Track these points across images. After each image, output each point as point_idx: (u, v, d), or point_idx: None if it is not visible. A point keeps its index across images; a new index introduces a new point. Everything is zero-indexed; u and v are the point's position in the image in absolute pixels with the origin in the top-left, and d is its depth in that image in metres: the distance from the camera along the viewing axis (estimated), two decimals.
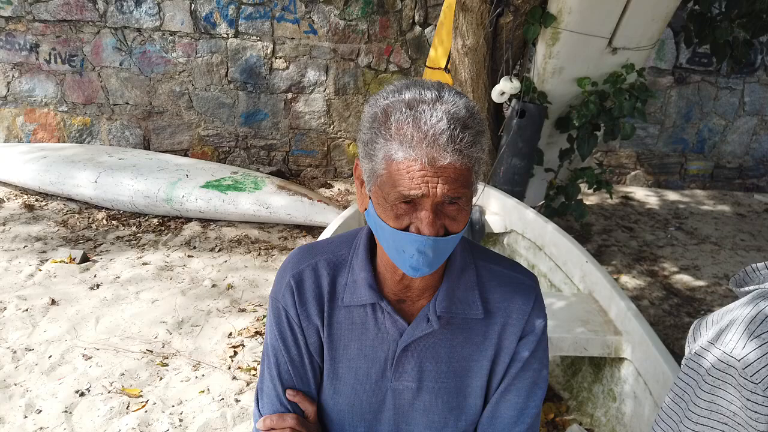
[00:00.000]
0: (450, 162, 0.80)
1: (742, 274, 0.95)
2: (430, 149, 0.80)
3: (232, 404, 2.48)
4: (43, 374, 2.60)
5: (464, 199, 0.85)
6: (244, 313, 3.21)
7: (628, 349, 2.22)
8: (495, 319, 1.01)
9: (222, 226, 4.41)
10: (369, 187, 0.90)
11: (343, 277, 1.02)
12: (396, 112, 0.83)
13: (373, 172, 0.87)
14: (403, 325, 1.00)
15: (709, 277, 4.08)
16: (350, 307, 1.02)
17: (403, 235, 0.86)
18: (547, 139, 3.96)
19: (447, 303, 0.99)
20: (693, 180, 6.25)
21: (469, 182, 0.85)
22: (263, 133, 5.67)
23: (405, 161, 0.81)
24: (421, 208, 0.84)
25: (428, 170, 0.80)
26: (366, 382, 1.04)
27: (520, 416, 1.02)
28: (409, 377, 1.02)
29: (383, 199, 0.86)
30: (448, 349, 1.02)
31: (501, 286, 1.03)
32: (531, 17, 3.48)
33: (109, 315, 3.10)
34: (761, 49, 5.72)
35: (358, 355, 1.03)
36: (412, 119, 0.81)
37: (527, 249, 3.25)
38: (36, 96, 5.43)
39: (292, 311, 1.02)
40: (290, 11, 5.26)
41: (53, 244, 3.93)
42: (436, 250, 0.86)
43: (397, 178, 0.82)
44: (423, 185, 0.81)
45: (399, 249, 0.88)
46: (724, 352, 0.84)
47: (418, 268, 0.88)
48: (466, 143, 0.81)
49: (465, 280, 1.01)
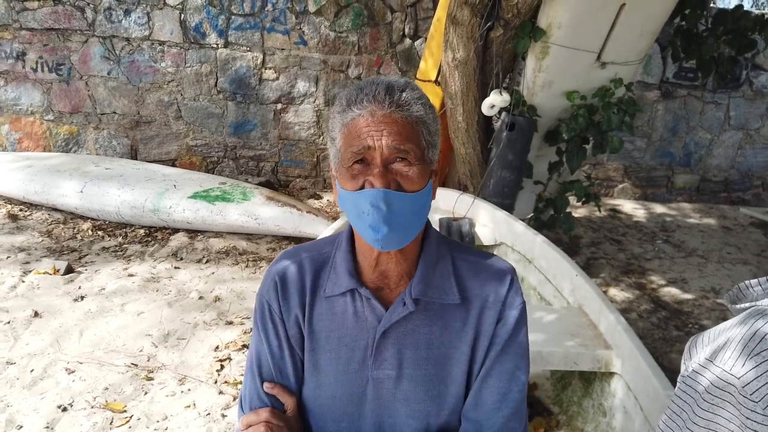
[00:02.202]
0: (389, 113, 0.91)
1: (737, 290, 0.95)
2: (370, 104, 0.92)
3: (219, 419, 2.44)
4: (25, 389, 2.54)
5: (412, 155, 0.93)
6: (231, 326, 3.16)
7: (618, 363, 2.21)
8: (473, 304, 1.04)
9: (210, 237, 4.37)
10: (335, 168, 0.99)
11: (326, 271, 1.07)
12: (348, 93, 0.96)
13: (335, 151, 0.97)
14: (382, 312, 1.03)
15: (697, 290, 4.10)
16: (331, 298, 1.05)
17: (358, 194, 0.93)
18: (536, 152, 3.97)
19: (422, 287, 1.02)
20: (680, 193, 6.31)
21: (416, 139, 0.93)
22: (252, 143, 5.65)
23: (353, 121, 0.93)
24: (373, 165, 0.92)
25: (371, 124, 0.91)
26: (347, 372, 1.05)
27: (503, 401, 1.02)
28: (389, 365, 1.03)
29: (342, 168, 0.95)
30: (427, 335, 1.03)
31: (477, 274, 1.06)
32: (521, 31, 3.50)
33: (94, 328, 3.05)
34: (746, 65, 5.81)
35: (339, 344, 1.05)
36: (358, 90, 0.95)
37: (517, 262, 3.25)
38: (22, 104, 5.37)
39: (274, 304, 1.06)
40: (280, 22, 5.26)
41: (37, 255, 3.86)
42: (388, 203, 0.91)
43: (349, 139, 0.93)
44: (368, 138, 0.91)
45: (359, 211, 0.94)
46: (724, 370, 0.83)
47: (377, 227, 0.92)
48: (404, 100, 0.93)
49: (441, 269, 1.05)
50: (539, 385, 2.73)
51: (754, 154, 6.24)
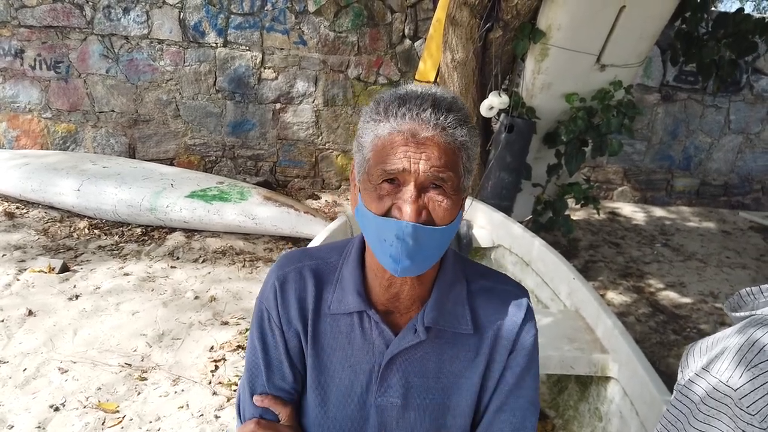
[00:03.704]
0: (432, 135, 0.82)
1: (737, 297, 0.93)
2: (412, 122, 0.82)
3: (212, 420, 2.42)
4: (17, 388, 2.52)
5: (449, 184, 0.84)
6: (226, 326, 3.15)
7: (615, 368, 2.19)
8: (486, 334, 0.99)
9: (206, 237, 4.35)
10: (359, 178, 0.90)
11: (332, 284, 1.00)
12: (387, 100, 0.86)
13: (362, 160, 0.88)
14: (390, 336, 0.97)
15: (695, 294, 4.08)
16: (337, 316, 0.99)
17: (384, 221, 0.85)
18: (535, 154, 3.96)
19: (435, 314, 0.96)
20: (679, 196, 6.29)
21: (454, 166, 0.84)
22: (251, 143, 5.63)
23: (389, 136, 0.84)
24: (405, 189, 0.84)
25: (411, 144, 0.82)
26: (349, 395, 1.00)
27: None
28: (395, 393, 0.98)
29: (369, 183, 0.86)
30: (437, 363, 0.98)
31: (491, 300, 1.00)
32: (520, 33, 3.49)
33: (88, 327, 3.03)
34: (746, 68, 5.79)
35: (343, 365, 0.99)
36: (399, 101, 0.84)
37: (514, 264, 3.23)
38: (20, 102, 5.36)
39: (274, 312, 1.01)
40: (280, 22, 5.24)
41: (33, 253, 3.85)
42: (415, 238, 0.83)
43: (382, 155, 0.84)
44: (405, 159, 0.82)
45: (380, 238, 0.86)
46: (720, 381, 0.81)
47: (398, 259, 0.85)
48: (449, 122, 0.83)
49: (455, 294, 0.99)
50: None
51: (754, 158, 6.23)
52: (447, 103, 0.85)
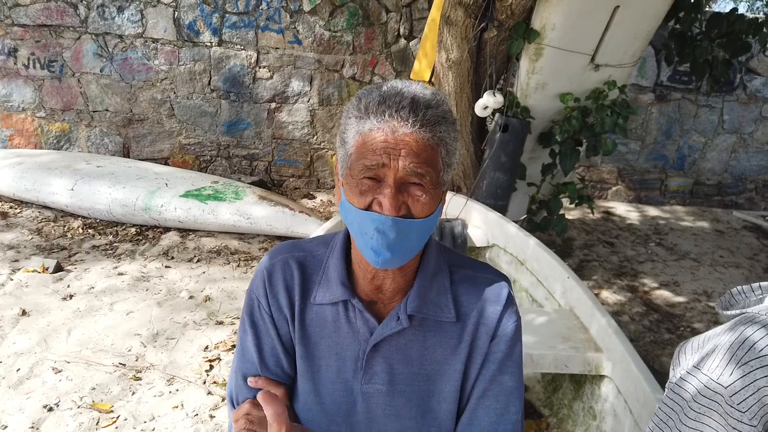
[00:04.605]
0: (411, 132, 0.85)
1: (728, 296, 0.94)
2: (392, 119, 0.85)
3: (207, 420, 2.42)
4: (11, 388, 2.51)
5: (428, 179, 0.87)
6: (221, 326, 3.14)
7: (609, 366, 2.20)
8: (468, 320, 1.01)
9: (201, 237, 4.34)
10: (342, 173, 0.93)
11: (317, 275, 1.04)
12: (368, 96, 0.89)
13: (345, 155, 0.91)
14: (374, 324, 1.00)
15: (689, 293, 4.10)
16: (322, 305, 1.02)
17: (365, 214, 0.88)
18: (529, 154, 3.97)
19: (418, 303, 0.99)
20: (673, 196, 6.32)
21: (433, 162, 0.87)
22: (245, 142, 5.62)
23: (370, 132, 0.86)
24: (385, 184, 0.86)
25: (390, 140, 0.85)
26: (337, 382, 1.02)
27: (500, 422, 1.00)
28: (380, 380, 1.01)
29: (351, 178, 0.89)
30: (420, 351, 1.01)
31: (473, 289, 1.03)
32: (515, 32, 3.49)
33: (82, 327, 3.02)
34: (740, 68, 5.82)
35: (329, 353, 1.02)
36: (380, 98, 0.87)
37: (509, 263, 3.24)
38: (13, 101, 5.33)
39: (263, 300, 1.04)
40: (275, 21, 5.24)
41: (26, 253, 3.83)
42: (396, 231, 0.87)
43: (363, 151, 0.87)
44: (384, 155, 0.85)
45: (362, 231, 0.89)
46: (711, 379, 0.82)
47: (379, 251, 0.88)
48: (428, 118, 0.86)
49: (438, 284, 1.01)
50: (530, 388, 2.72)
51: (748, 157, 6.25)
52: (426, 100, 0.87)
